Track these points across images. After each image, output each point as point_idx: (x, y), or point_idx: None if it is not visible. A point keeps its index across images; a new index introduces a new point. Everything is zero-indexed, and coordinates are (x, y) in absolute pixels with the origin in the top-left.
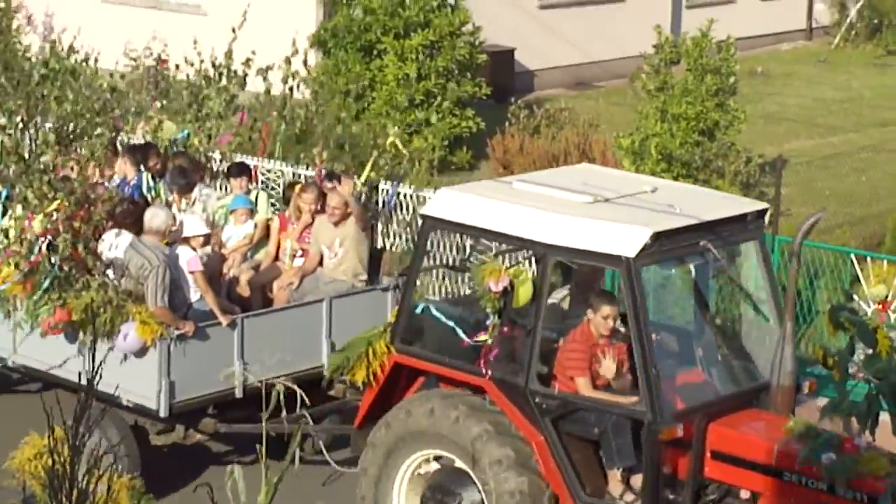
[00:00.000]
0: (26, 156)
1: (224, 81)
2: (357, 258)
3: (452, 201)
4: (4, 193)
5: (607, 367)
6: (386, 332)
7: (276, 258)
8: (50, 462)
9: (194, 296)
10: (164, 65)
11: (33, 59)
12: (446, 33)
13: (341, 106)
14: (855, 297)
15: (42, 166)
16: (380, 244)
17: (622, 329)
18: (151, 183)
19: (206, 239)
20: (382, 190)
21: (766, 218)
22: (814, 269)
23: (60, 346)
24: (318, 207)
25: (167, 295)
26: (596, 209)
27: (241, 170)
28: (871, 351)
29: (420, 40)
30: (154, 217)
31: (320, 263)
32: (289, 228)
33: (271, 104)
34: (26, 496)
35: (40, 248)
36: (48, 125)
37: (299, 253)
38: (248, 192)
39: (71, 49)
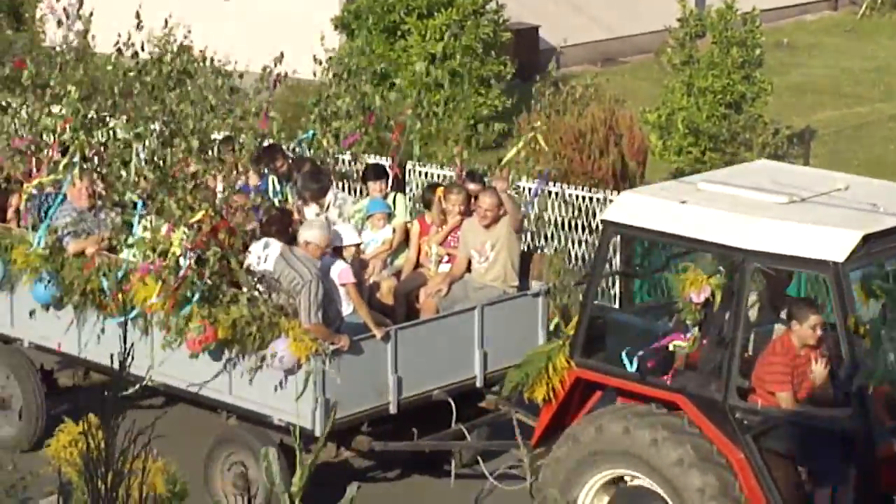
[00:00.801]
0: (164, 165)
1: (351, 79)
2: (509, 263)
3: (635, 205)
4: (140, 204)
5: (818, 373)
6: (565, 345)
7: (417, 264)
8: (84, 446)
9: (347, 308)
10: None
11: (58, 48)
12: (470, 12)
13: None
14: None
15: (184, 175)
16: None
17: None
18: (278, 187)
19: (358, 248)
20: (525, 188)
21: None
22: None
23: (204, 363)
24: (464, 209)
25: (321, 310)
26: (794, 210)
27: (379, 172)
28: None
29: (444, 20)
30: (308, 229)
31: (468, 269)
32: (431, 232)
33: (404, 101)
34: (62, 482)
35: (189, 262)
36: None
37: (445, 258)
38: (386, 195)
39: (181, 49)
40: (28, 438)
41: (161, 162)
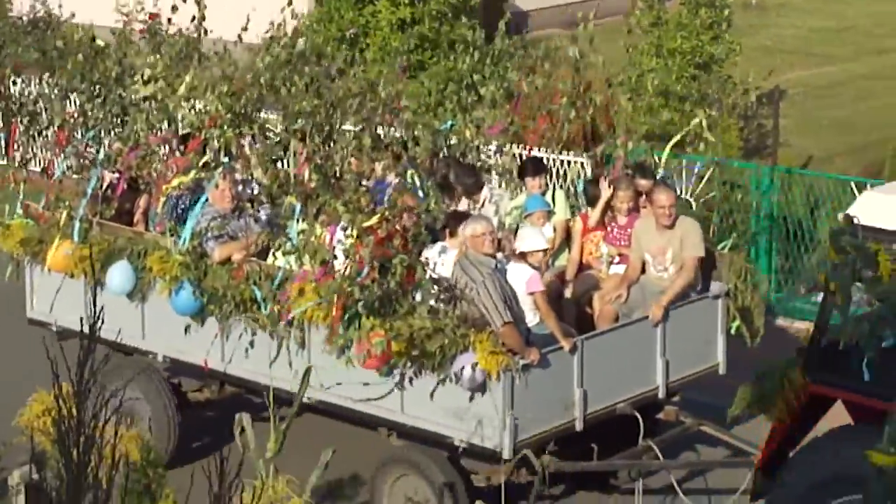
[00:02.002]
0: (326, 164)
1: (497, 67)
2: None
3: (882, 205)
4: (298, 208)
5: None
6: (800, 359)
7: (580, 265)
8: (56, 412)
9: (532, 319)
10: (154, 18)
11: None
12: None
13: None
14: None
15: (355, 174)
16: None
17: None
18: (418, 183)
19: (545, 253)
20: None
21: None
22: (814, 198)
23: (372, 379)
24: (632, 206)
25: (508, 310)
26: None
27: (539, 167)
28: (872, 274)
29: None
30: (470, 223)
31: (642, 271)
32: (594, 230)
33: (552, 88)
34: (36, 452)
35: (372, 271)
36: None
37: (616, 259)
38: (545, 191)
39: (296, 33)
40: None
41: (322, 161)
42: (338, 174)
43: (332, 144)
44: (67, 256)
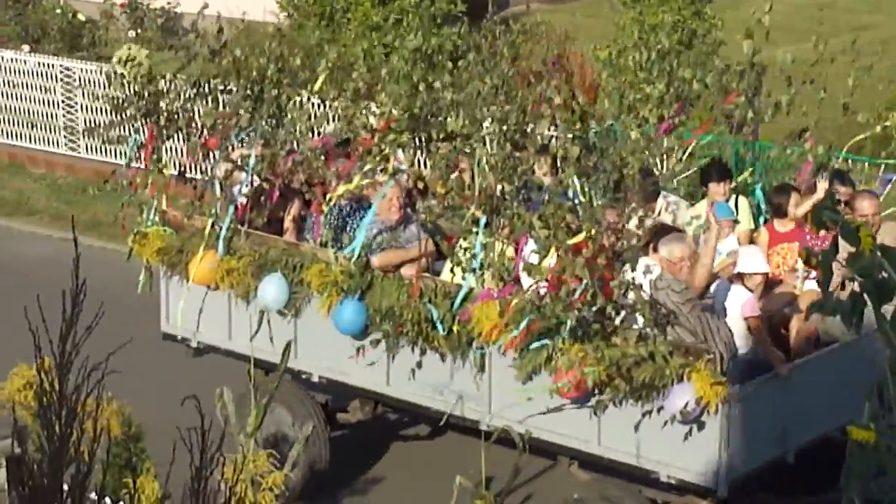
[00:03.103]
0: (515, 173)
1: (664, 64)
2: None
3: None
4: (483, 221)
5: None
6: None
7: (767, 279)
8: (38, 385)
9: (743, 346)
10: None
11: None
12: None
13: (316, 28)
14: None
15: (552, 187)
16: None
17: None
18: (577, 187)
19: (766, 278)
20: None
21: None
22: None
23: (560, 406)
24: None
25: (716, 333)
26: None
27: (724, 173)
28: (854, 249)
29: None
30: (666, 243)
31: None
32: (782, 241)
33: (725, 87)
34: (18, 427)
35: (584, 293)
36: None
37: (812, 274)
38: (728, 198)
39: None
40: (306, 483)
41: (511, 171)
42: (526, 184)
43: (519, 152)
44: (212, 268)
